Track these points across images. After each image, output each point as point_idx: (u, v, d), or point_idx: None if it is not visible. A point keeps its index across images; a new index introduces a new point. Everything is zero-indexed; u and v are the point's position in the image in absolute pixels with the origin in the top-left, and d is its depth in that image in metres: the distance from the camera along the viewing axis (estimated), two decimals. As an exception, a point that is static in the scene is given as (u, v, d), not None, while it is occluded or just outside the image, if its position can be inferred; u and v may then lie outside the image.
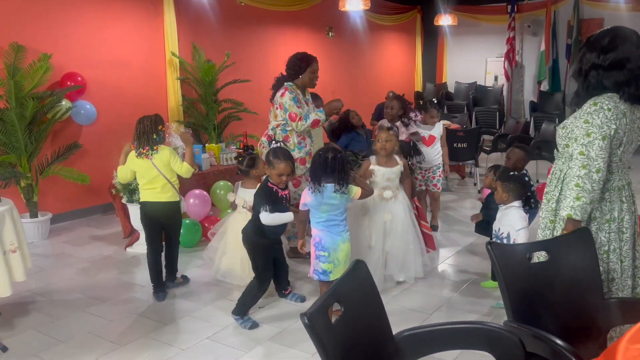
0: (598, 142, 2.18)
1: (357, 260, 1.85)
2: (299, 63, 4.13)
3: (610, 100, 2.22)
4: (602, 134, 2.18)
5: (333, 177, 3.10)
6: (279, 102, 4.08)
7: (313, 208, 3.19)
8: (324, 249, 3.17)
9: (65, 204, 5.75)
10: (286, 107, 4.05)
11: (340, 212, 3.19)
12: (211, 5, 7.23)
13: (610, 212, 2.33)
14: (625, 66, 2.20)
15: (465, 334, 1.88)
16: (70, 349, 3.13)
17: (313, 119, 4.09)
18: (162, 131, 3.69)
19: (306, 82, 4.18)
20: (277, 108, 4.12)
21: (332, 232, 3.17)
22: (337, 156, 3.10)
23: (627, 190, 2.36)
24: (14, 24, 5.23)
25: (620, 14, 9.61)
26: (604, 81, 2.23)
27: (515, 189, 3.40)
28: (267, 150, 4.05)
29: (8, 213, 3.18)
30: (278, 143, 3.61)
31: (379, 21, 10.84)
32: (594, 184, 2.20)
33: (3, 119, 4.88)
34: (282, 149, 3.48)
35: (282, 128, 4.15)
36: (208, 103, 6.89)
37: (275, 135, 4.12)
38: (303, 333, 1.54)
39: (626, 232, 2.34)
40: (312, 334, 1.48)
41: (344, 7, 7.05)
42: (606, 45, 2.23)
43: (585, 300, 2.13)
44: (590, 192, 2.20)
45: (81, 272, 4.35)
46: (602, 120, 2.18)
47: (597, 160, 2.18)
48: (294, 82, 4.15)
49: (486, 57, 12.07)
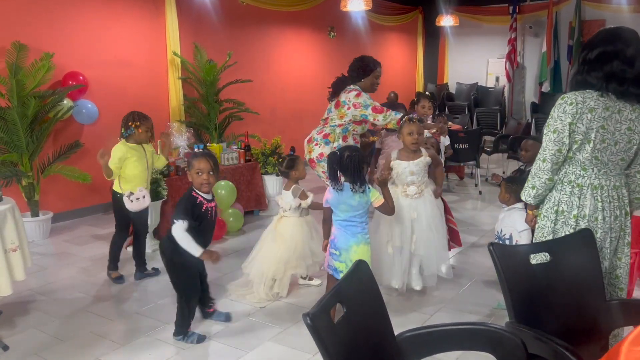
0: (550, 134, 2.32)
1: (359, 260, 1.84)
2: (363, 66, 4.16)
3: (577, 95, 2.26)
4: (554, 127, 2.30)
5: (348, 176, 3.08)
6: (353, 102, 4.04)
7: (333, 207, 3.17)
8: (336, 247, 3.16)
9: (67, 203, 5.75)
10: (367, 103, 4.03)
11: (359, 215, 3.12)
12: (213, 5, 7.24)
13: (580, 208, 2.32)
14: (612, 61, 2.22)
15: (467, 335, 1.88)
16: (71, 348, 3.13)
17: (399, 117, 3.99)
18: (132, 128, 3.86)
19: (367, 86, 4.19)
20: (349, 108, 4.08)
21: (347, 233, 3.13)
22: (352, 155, 3.06)
23: (607, 192, 2.31)
24: (16, 23, 5.23)
25: (622, 15, 9.61)
26: (588, 77, 2.28)
27: (519, 190, 3.39)
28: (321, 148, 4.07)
29: (9, 212, 3.18)
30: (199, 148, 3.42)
31: (381, 21, 10.84)
32: (538, 171, 2.37)
33: (5, 118, 4.89)
34: (202, 150, 3.23)
35: (344, 127, 4.14)
36: (209, 103, 6.89)
37: (335, 136, 4.08)
38: (304, 333, 1.54)
39: (597, 232, 2.31)
40: (314, 334, 1.48)
41: (346, 8, 7.05)
42: (596, 41, 2.30)
43: (587, 301, 2.13)
44: (533, 176, 2.40)
45: (82, 271, 4.35)
46: (558, 114, 2.29)
47: (545, 151, 2.34)
48: (358, 85, 4.16)
49: (487, 58, 12.07)
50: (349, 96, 4.07)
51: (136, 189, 3.93)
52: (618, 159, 2.31)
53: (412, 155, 3.64)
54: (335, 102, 4.16)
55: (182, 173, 5.13)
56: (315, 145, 4.13)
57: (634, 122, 2.27)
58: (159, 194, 4.72)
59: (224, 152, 5.65)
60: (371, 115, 4.11)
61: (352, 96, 4.04)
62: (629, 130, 2.26)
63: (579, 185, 2.33)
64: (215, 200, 3.16)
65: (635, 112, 2.27)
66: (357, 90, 4.08)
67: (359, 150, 3.19)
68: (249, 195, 5.76)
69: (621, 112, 2.25)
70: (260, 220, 5.78)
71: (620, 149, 2.29)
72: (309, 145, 4.24)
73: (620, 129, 2.26)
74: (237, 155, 5.72)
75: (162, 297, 3.83)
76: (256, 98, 7.75)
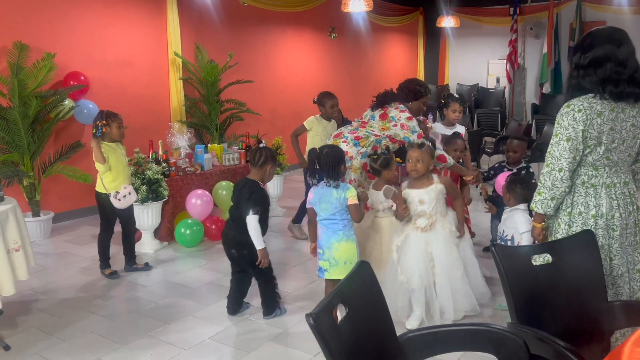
0: (563, 143, 2.30)
1: (361, 261, 1.85)
2: (414, 90, 4.14)
3: (583, 102, 2.27)
4: (567, 136, 2.28)
5: (324, 171, 3.15)
6: (402, 122, 3.93)
7: (315, 205, 3.22)
8: (320, 246, 3.23)
9: (68, 203, 5.75)
10: (415, 130, 3.92)
11: (339, 212, 3.17)
12: (214, 6, 7.24)
13: (597, 207, 2.34)
14: (605, 65, 2.25)
15: (469, 336, 1.88)
16: (72, 348, 3.13)
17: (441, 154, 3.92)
18: (100, 126, 3.92)
19: (414, 110, 4.13)
20: (396, 125, 3.96)
21: (329, 230, 3.18)
22: (330, 152, 3.16)
23: (619, 189, 2.36)
24: (18, 23, 5.24)
25: (622, 17, 9.60)
26: (582, 82, 2.30)
27: (520, 192, 3.40)
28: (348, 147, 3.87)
29: (11, 212, 3.18)
30: (261, 143, 3.62)
31: (382, 22, 10.84)
32: (555, 181, 2.33)
33: (6, 118, 4.89)
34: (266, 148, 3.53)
35: (379, 138, 3.96)
36: (210, 103, 6.89)
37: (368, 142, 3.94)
38: (305, 334, 1.54)
39: (616, 229, 2.35)
40: (317, 334, 1.48)
41: (347, 8, 7.05)
42: (586, 46, 2.31)
43: (589, 302, 2.13)
44: (550, 188, 2.34)
45: (83, 271, 4.35)
46: (569, 122, 2.28)
47: (560, 160, 2.31)
48: (405, 105, 4.09)
49: (488, 59, 12.06)
50: (400, 115, 3.97)
51: (120, 187, 4.04)
52: (626, 156, 2.36)
53: (419, 182, 3.34)
54: (381, 114, 4.05)
55: (183, 173, 5.13)
56: (343, 142, 4.01)
57: (635, 118, 2.32)
58: (159, 194, 4.72)
59: (224, 152, 5.65)
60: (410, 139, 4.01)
61: (403, 117, 3.96)
62: (632, 126, 2.32)
63: (593, 185, 2.36)
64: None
65: (636, 107, 2.32)
66: (409, 113, 4.01)
67: (340, 150, 3.26)
68: (249, 196, 5.76)
69: (624, 110, 2.29)
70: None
71: (627, 146, 2.34)
72: (334, 140, 4.14)
73: (626, 127, 2.30)
74: (238, 156, 5.72)
75: (164, 297, 3.84)
76: (257, 98, 7.76)
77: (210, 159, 5.47)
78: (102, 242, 4.23)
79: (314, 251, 3.31)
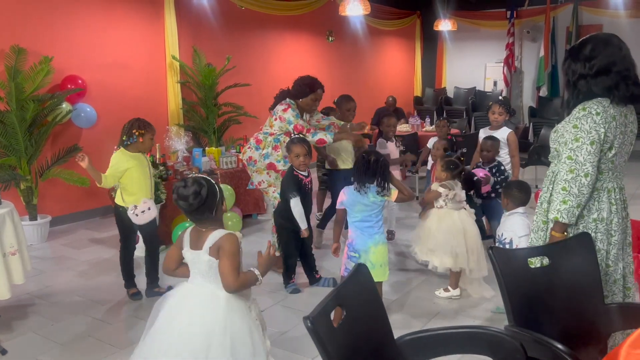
0: (586, 146, 2.21)
1: (359, 264, 1.85)
2: (304, 87, 4.24)
3: (599, 105, 2.25)
4: (591, 139, 2.21)
5: (375, 180, 3.14)
6: (279, 115, 4.17)
7: (349, 207, 3.21)
8: (354, 249, 3.20)
9: (65, 207, 5.74)
10: (290, 119, 4.12)
11: (375, 213, 3.19)
12: (212, 9, 7.25)
13: (599, 211, 2.32)
14: (612, 70, 2.22)
15: (466, 338, 1.89)
16: (69, 352, 3.12)
17: (320, 138, 4.12)
18: (135, 136, 3.59)
19: (305, 107, 4.29)
20: (276, 119, 4.20)
21: (365, 234, 3.19)
22: (379, 159, 3.16)
23: (617, 194, 2.35)
24: (15, 26, 5.24)
25: (619, 21, 9.65)
26: (593, 88, 2.26)
27: (517, 195, 3.41)
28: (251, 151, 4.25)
29: (8, 215, 3.18)
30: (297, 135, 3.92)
31: (379, 26, 10.87)
32: (582, 187, 2.22)
33: (3, 122, 4.89)
34: (298, 137, 3.86)
35: (275, 137, 4.23)
36: (208, 106, 6.90)
37: (266, 143, 4.24)
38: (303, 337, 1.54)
39: (614, 234, 2.33)
40: (315, 337, 1.48)
41: (344, 12, 7.07)
42: (589, 54, 2.26)
43: (586, 305, 2.13)
44: (577, 195, 2.22)
45: (80, 275, 4.34)
46: (590, 125, 2.21)
47: (586, 165, 2.21)
48: (295, 101, 4.24)
49: (485, 62, 12.10)
50: (278, 108, 4.20)
51: (140, 201, 3.65)
52: (622, 161, 2.36)
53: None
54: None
55: (181, 176, 5.12)
56: (248, 148, 4.30)
57: (633, 124, 2.32)
58: (157, 198, 4.71)
59: (222, 156, 5.65)
60: (293, 132, 4.17)
61: (280, 110, 4.16)
62: (631, 132, 2.33)
63: (596, 189, 2.33)
64: (310, 176, 3.89)
65: (634, 113, 2.33)
66: (287, 104, 4.18)
67: (383, 156, 3.26)
68: (247, 199, 5.76)
69: (627, 115, 2.30)
70: (258, 223, 5.78)
71: (626, 151, 2.35)
72: (244, 147, 4.41)
73: (626, 132, 2.31)
74: (235, 159, 5.72)
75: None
76: (255, 102, 7.75)
77: (208, 162, 5.47)
78: (123, 260, 3.87)
79: (336, 251, 3.33)
